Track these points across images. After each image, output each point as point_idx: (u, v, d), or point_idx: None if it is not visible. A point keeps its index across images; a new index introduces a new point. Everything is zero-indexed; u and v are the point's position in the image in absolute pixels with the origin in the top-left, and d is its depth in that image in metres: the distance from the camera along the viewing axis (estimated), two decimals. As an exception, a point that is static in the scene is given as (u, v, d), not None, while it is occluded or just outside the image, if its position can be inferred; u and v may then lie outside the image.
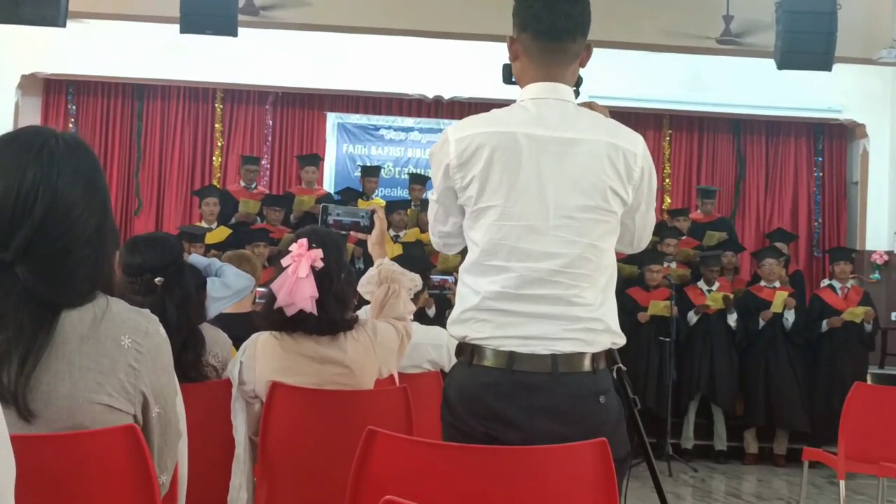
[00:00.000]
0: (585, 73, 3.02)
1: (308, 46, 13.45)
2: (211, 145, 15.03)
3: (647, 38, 11.58)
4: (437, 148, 2.85)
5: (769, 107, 14.74)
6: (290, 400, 3.61)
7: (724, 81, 14.35)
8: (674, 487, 8.99)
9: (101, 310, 2.08)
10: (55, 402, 2.01)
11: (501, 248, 2.73)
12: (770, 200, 15.68)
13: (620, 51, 12.32)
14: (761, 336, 10.47)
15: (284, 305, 3.65)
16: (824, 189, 15.73)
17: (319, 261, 3.65)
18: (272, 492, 3.65)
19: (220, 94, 15.02)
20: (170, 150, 14.98)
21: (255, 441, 3.73)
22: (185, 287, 3.73)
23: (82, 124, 14.84)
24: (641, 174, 2.82)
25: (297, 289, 3.62)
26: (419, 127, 14.82)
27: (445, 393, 2.83)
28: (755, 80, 13.76)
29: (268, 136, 15.11)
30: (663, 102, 14.84)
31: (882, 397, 6.71)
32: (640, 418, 3.00)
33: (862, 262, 15.02)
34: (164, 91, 14.93)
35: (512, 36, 2.87)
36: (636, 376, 10.15)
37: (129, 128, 14.97)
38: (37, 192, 2.02)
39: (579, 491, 2.44)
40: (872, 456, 6.28)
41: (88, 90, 14.89)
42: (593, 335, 2.75)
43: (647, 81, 14.26)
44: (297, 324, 3.69)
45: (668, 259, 11.12)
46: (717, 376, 10.43)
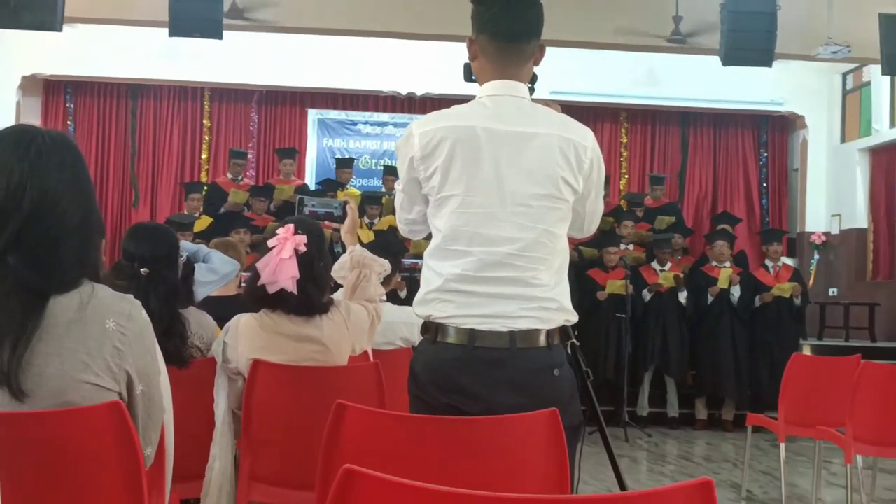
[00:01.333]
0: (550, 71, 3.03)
1: (290, 48, 13.43)
2: (200, 141, 15.00)
3: (603, 38, 11.57)
4: (402, 141, 2.85)
5: (717, 100, 14.83)
6: (270, 376, 3.61)
7: (676, 77, 14.42)
8: (630, 451, 9.04)
9: (87, 295, 2.07)
10: (45, 382, 2.01)
11: (463, 233, 2.73)
12: (719, 186, 15.77)
13: (580, 50, 12.34)
14: (710, 312, 10.54)
15: (267, 283, 3.65)
16: (768, 176, 15.83)
17: (303, 245, 3.66)
18: (255, 461, 3.66)
19: (208, 93, 15.00)
20: (162, 145, 14.96)
21: (238, 415, 3.72)
22: (171, 281, 3.70)
23: (80, 122, 14.78)
24: (591, 165, 2.83)
25: (281, 268, 3.63)
26: (394, 122, 14.83)
27: (412, 368, 2.83)
28: (704, 76, 13.82)
29: (253, 131, 15.10)
30: (620, 97, 14.90)
31: (818, 367, 6.76)
32: (596, 389, 3.00)
33: (802, 243, 15.15)
34: (157, 91, 14.89)
35: (471, 37, 2.86)
36: (596, 350, 10.22)
37: (125, 125, 14.92)
38: (25, 187, 2.01)
39: (534, 456, 2.45)
40: (810, 420, 6.34)
41: (86, 90, 14.82)
42: (548, 313, 2.75)
43: (605, 78, 14.31)
44: (277, 302, 3.69)
45: (625, 241, 11.17)
46: (669, 349, 10.53)
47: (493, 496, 1.32)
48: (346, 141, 15.07)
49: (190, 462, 3.55)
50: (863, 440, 5.73)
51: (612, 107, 15.22)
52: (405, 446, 2.44)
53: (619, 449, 8.93)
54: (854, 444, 5.72)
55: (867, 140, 14.47)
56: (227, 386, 3.75)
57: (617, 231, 11.29)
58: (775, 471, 7.39)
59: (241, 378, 3.68)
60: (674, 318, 10.59)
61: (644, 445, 9.41)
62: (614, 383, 10.21)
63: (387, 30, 11.59)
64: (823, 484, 7.21)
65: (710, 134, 15.76)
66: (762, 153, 15.82)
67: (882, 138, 14.07)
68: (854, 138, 14.84)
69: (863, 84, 14.69)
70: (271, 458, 3.64)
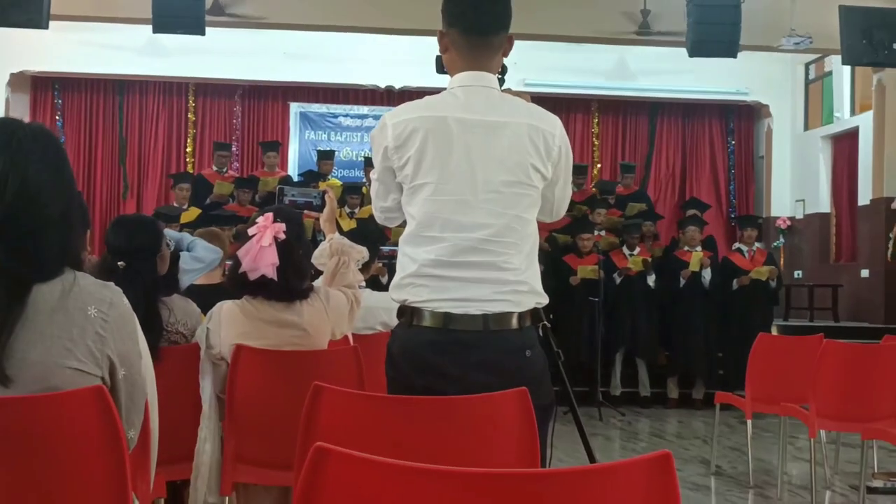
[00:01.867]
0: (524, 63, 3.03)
1: (272, 43, 13.42)
2: (185, 134, 14.96)
3: (574, 31, 11.60)
4: (376, 132, 2.84)
5: (685, 91, 14.87)
6: (252, 360, 3.60)
7: (645, 69, 14.46)
8: (604, 430, 9.07)
9: (68, 284, 2.06)
10: (29, 368, 2.00)
11: (436, 220, 2.73)
12: (688, 174, 15.83)
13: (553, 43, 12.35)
14: (683, 294, 10.57)
15: (248, 270, 3.64)
16: (735, 163, 15.90)
17: (282, 233, 3.64)
18: (239, 443, 3.65)
19: (193, 88, 14.95)
20: (148, 139, 14.92)
21: (222, 399, 3.71)
22: (148, 274, 3.67)
23: (68, 118, 14.71)
24: (559, 152, 2.83)
25: (261, 256, 3.61)
26: (373, 114, 14.82)
27: (389, 351, 2.83)
28: (672, 68, 13.86)
29: (237, 125, 15.07)
30: (591, 89, 14.93)
31: (783, 346, 6.80)
32: (570, 370, 3.01)
33: (768, 228, 15.23)
34: (142, 86, 14.85)
35: (441, 31, 2.86)
36: (569, 333, 10.24)
37: (112, 120, 14.87)
38: (6, 178, 2.00)
39: (505, 434, 2.46)
40: (775, 398, 6.38)
41: (73, 86, 14.76)
42: (520, 296, 2.75)
43: (577, 71, 14.34)
44: (258, 288, 3.68)
45: (598, 228, 11.20)
46: (639, 332, 10.58)
47: (456, 470, 1.32)
48: (328, 133, 15.07)
49: (177, 445, 3.55)
50: (826, 416, 5.76)
51: (584, 98, 15.24)
52: (380, 426, 2.44)
53: (594, 427, 8.96)
54: (817, 420, 5.75)
55: (829, 128, 14.56)
56: (211, 371, 3.74)
57: (590, 218, 11.31)
58: (743, 446, 7.43)
59: (225, 363, 3.67)
60: (643, 301, 10.63)
61: (617, 424, 9.44)
62: (588, 365, 10.24)
63: (365, 25, 11.60)
64: (789, 458, 7.26)
65: (678, 123, 15.82)
66: (729, 141, 15.90)
67: (843, 126, 14.16)
68: (817, 126, 14.93)
69: (824, 74, 14.77)
70: (255, 440, 3.63)
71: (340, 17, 11.38)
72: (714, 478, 6.89)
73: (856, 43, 9.92)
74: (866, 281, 12.98)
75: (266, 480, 3.68)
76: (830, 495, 6.37)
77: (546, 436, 2.72)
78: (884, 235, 12.44)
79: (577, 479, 1.35)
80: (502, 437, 2.46)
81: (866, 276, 12.99)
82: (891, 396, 5.71)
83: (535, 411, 2.50)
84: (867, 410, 5.70)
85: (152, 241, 3.78)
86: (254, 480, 3.71)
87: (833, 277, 13.61)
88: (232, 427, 3.66)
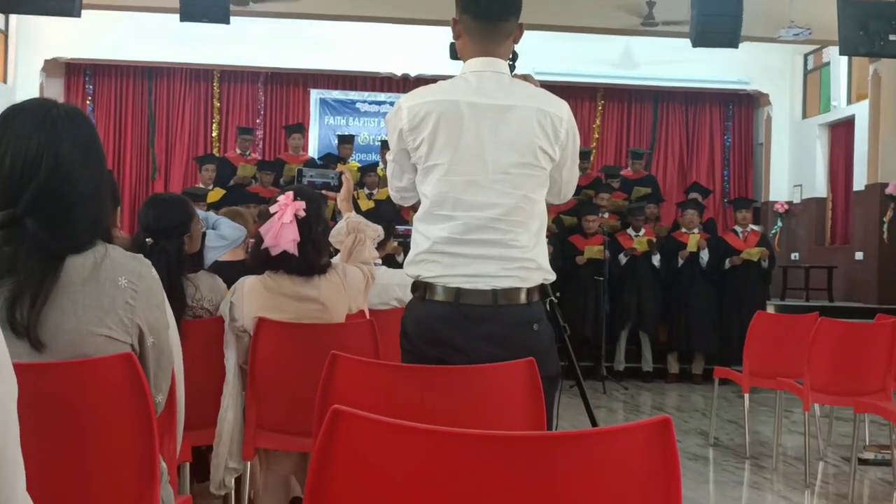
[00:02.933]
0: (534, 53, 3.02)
1: (294, 32, 13.41)
2: (210, 119, 14.97)
3: (581, 22, 11.55)
4: (391, 115, 2.85)
5: (687, 80, 14.80)
6: (273, 333, 3.61)
7: (649, 59, 14.40)
8: (608, 403, 9.08)
9: (100, 256, 2.07)
10: (62, 335, 2.01)
11: (448, 199, 2.73)
12: (689, 159, 15.78)
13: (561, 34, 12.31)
14: (682, 274, 10.55)
15: (270, 246, 3.65)
16: (734, 150, 15.84)
17: (302, 211, 3.65)
18: (260, 410, 3.67)
19: (218, 75, 14.95)
20: (175, 123, 14.94)
21: (244, 369, 3.72)
22: (172, 252, 3.65)
23: (99, 103, 14.74)
24: (566, 135, 2.82)
25: (282, 232, 3.62)
26: (390, 101, 14.79)
27: (403, 324, 2.84)
28: (676, 58, 13.81)
29: (260, 110, 15.08)
30: (597, 78, 14.89)
31: (779, 323, 6.79)
32: (576, 346, 3.02)
33: (767, 212, 15.19)
34: (170, 72, 14.86)
35: (455, 18, 2.86)
36: (576, 310, 10.24)
37: (141, 105, 14.89)
38: (42, 156, 2.01)
39: (513, 401, 2.46)
40: (771, 372, 6.38)
41: (104, 72, 14.78)
42: (527, 272, 2.75)
43: (584, 60, 14.29)
44: (280, 263, 3.68)
45: (602, 211, 11.18)
46: (644, 308, 10.56)
47: (465, 432, 1.33)
48: (346, 119, 15.07)
49: (202, 412, 3.56)
50: (819, 390, 5.76)
51: (590, 86, 15.19)
52: (393, 393, 2.45)
53: (598, 400, 8.97)
54: (811, 394, 5.75)
55: (826, 116, 14.49)
56: (235, 342, 3.75)
57: (594, 201, 11.29)
58: (740, 419, 7.43)
59: (247, 335, 3.69)
60: (648, 279, 10.61)
61: (621, 397, 9.44)
62: (593, 341, 10.24)
63: (382, 15, 11.58)
64: (784, 431, 7.27)
65: (681, 111, 15.75)
66: (728, 128, 15.82)
67: (840, 114, 14.08)
68: (814, 114, 14.85)
69: (822, 64, 14.68)
70: (275, 408, 3.65)
71: (359, 8, 11.36)
72: (712, 449, 6.90)
73: (853, 34, 9.85)
74: (860, 263, 12.93)
75: (285, 446, 3.70)
76: (823, 466, 6.37)
77: (552, 406, 2.72)
78: (878, 219, 12.39)
79: (580, 441, 1.36)
80: (511, 405, 2.47)
81: (860, 259, 12.95)
82: (882, 372, 5.71)
83: (542, 382, 2.51)
84: (859, 385, 5.69)
85: (180, 221, 3.76)
86: (274, 446, 3.73)
87: (828, 259, 13.57)
88: (253, 396, 3.67)
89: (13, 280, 1.97)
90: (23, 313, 1.96)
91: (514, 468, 1.34)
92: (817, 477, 6.06)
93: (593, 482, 1.36)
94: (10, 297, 1.96)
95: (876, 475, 6.07)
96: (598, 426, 2.82)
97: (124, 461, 2.11)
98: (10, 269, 1.97)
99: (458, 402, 2.43)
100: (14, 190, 1.99)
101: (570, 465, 1.35)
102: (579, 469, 1.35)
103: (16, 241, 1.98)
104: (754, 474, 6.13)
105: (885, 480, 5.92)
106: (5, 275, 1.97)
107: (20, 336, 1.97)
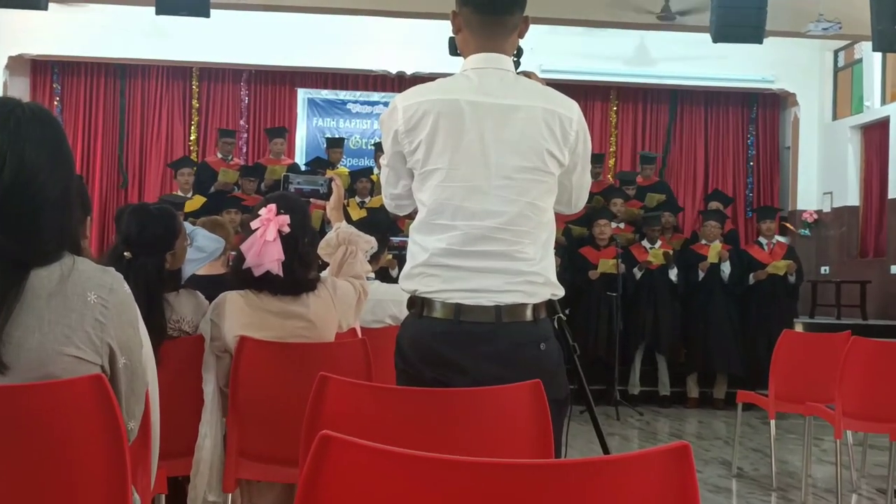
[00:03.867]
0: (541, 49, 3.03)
1: (279, 26, 13.41)
2: (189, 121, 14.98)
3: (594, 16, 11.56)
4: (386, 115, 2.86)
5: (707, 78, 14.81)
6: (257, 353, 3.61)
7: (666, 56, 14.42)
8: (622, 430, 9.07)
9: (67, 268, 2.07)
10: (26, 354, 2.00)
11: (447, 207, 2.73)
12: (710, 165, 15.78)
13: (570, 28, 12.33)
14: (701, 288, 10.56)
15: (252, 266, 3.64)
16: (758, 154, 15.84)
17: (287, 226, 3.64)
18: (242, 437, 3.66)
19: (196, 73, 14.96)
20: (151, 126, 14.94)
21: (226, 392, 3.72)
22: (151, 270, 3.63)
23: (67, 103, 14.75)
24: (577, 137, 2.83)
25: (265, 251, 3.62)
26: (384, 101, 14.79)
27: (398, 342, 2.84)
28: (694, 54, 13.84)
29: (243, 111, 15.08)
30: (610, 76, 14.89)
31: (807, 343, 6.79)
32: (587, 367, 3.01)
33: (794, 221, 15.18)
34: (144, 70, 14.86)
35: (454, 10, 2.86)
36: (587, 328, 10.26)
37: (112, 106, 14.89)
38: (4, 158, 2.01)
39: (517, 427, 2.46)
40: (799, 397, 6.37)
41: (73, 70, 14.78)
42: (534, 287, 2.75)
43: (596, 57, 14.30)
44: (263, 283, 3.68)
45: (616, 220, 11.18)
46: (661, 327, 10.54)
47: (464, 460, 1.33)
48: (336, 120, 15.08)
49: (179, 440, 3.56)
50: (852, 415, 5.75)
51: (602, 85, 15.21)
52: (387, 417, 2.45)
53: (611, 427, 8.97)
54: (843, 420, 5.74)
55: (859, 117, 14.48)
56: (215, 364, 3.75)
57: (609, 209, 11.29)
58: (766, 447, 7.43)
59: (228, 355, 3.68)
60: (665, 295, 10.59)
61: (636, 424, 9.44)
62: (606, 361, 10.23)
63: (375, 8, 11.57)
64: (814, 460, 7.26)
65: (700, 112, 15.76)
66: (752, 131, 15.82)
67: (874, 115, 14.07)
68: (846, 115, 14.85)
69: (854, 61, 14.69)
70: (259, 435, 3.64)
71: (350, 0, 11.38)
72: (735, 480, 6.89)
73: (887, 28, 9.86)
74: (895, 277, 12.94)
75: (270, 477, 3.69)
76: (857, 499, 6.37)
77: (560, 432, 2.72)
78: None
79: (590, 469, 1.36)
80: (515, 431, 2.47)
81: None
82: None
83: (550, 406, 2.51)
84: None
85: (164, 236, 3.74)
86: (257, 477, 3.72)
87: (861, 273, 13.55)
88: (235, 421, 3.67)
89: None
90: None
91: (518, 499, 1.34)
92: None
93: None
94: None
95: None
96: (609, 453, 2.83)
97: (94, 492, 2.10)
98: None
99: (458, 427, 2.43)
100: None
101: (579, 496, 1.35)
102: (589, 501, 1.35)
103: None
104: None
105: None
106: None
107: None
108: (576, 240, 11.11)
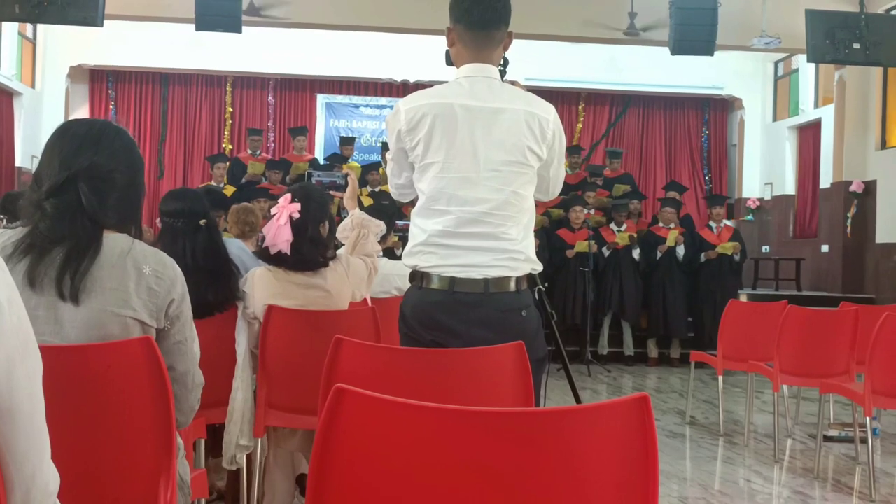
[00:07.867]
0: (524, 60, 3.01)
1: (301, 40, 13.39)
2: (222, 122, 14.95)
3: (568, 31, 11.52)
4: (391, 117, 2.85)
5: (666, 85, 14.79)
6: (282, 319, 3.61)
7: (631, 66, 14.39)
8: (592, 384, 9.08)
9: (127, 246, 2.10)
10: (88, 314, 2.01)
11: (443, 195, 2.73)
12: (668, 160, 15.78)
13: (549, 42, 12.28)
14: (660, 266, 10.57)
15: (269, 245, 3.66)
16: (710, 150, 15.83)
17: (296, 213, 3.64)
18: (270, 391, 3.66)
19: (230, 81, 14.91)
20: (191, 127, 14.90)
21: (255, 353, 3.72)
22: (215, 231, 3.73)
23: (120, 107, 14.71)
24: (553, 135, 2.83)
25: (278, 233, 3.63)
26: (390, 105, 14.73)
27: (402, 310, 2.84)
28: (655, 65, 13.81)
29: (270, 113, 15.05)
30: (582, 83, 14.87)
31: (750, 311, 6.80)
32: (563, 331, 3.01)
33: (740, 208, 15.19)
34: (185, 79, 14.80)
35: (449, 26, 2.85)
36: (563, 298, 10.27)
37: (158, 109, 14.85)
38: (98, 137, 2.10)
39: (503, 382, 2.46)
40: (743, 356, 6.40)
41: (125, 78, 14.74)
42: (517, 263, 2.75)
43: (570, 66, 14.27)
44: (278, 260, 3.69)
45: (589, 207, 11.17)
46: (626, 297, 10.56)
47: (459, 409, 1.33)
48: (350, 121, 15.07)
49: (215, 393, 3.55)
50: (788, 372, 5.78)
51: (574, 91, 15.18)
52: (392, 373, 2.45)
53: (583, 382, 8.98)
54: (780, 376, 5.77)
55: (795, 119, 14.49)
56: (246, 328, 3.75)
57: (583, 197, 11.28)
58: (715, 400, 7.45)
59: (258, 321, 3.68)
60: (629, 271, 10.61)
61: (604, 380, 9.45)
62: (579, 327, 10.24)
63: (383, 25, 11.54)
64: (755, 410, 7.29)
65: (660, 115, 15.74)
66: (704, 131, 15.81)
67: (807, 117, 14.08)
68: (784, 117, 14.84)
69: (792, 71, 14.68)
70: (283, 389, 3.65)
71: (362, 18, 11.34)
72: (689, 427, 6.90)
73: (820, 43, 9.85)
74: (826, 255, 12.94)
75: (293, 424, 3.69)
76: (791, 443, 6.38)
77: (540, 386, 2.72)
78: (842, 215, 12.39)
79: (565, 416, 1.36)
80: (501, 385, 2.47)
81: (826, 251, 12.95)
82: (845, 356, 5.73)
83: (531, 363, 2.51)
84: (825, 368, 5.71)
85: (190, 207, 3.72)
86: (282, 424, 3.72)
87: (796, 252, 13.57)
88: (264, 377, 3.67)
89: (66, 245, 1.99)
90: (72, 277, 1.98)
91: (504, 441, 1.34)
92: (785, 453, 6.07)
93: (577, 454, 1.37)
94: (62, 262, 1.99)
95: (840, 451, 6.08)
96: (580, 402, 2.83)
97: (143, 438, 2.10)
98: (61, 237, 2.00)
99: (453, 381, 2.44)
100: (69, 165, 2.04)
101: (555, 438, 1.35)
102: (564, 442, 1.36)
103: (69, 210, 2.01)
104: (727, 450, 6.14)
105: (848, 456, 5.94)
106: (55, 242, 1.99)
107: (64, 300, 1.98)
108: (554, 221, 11.11)
